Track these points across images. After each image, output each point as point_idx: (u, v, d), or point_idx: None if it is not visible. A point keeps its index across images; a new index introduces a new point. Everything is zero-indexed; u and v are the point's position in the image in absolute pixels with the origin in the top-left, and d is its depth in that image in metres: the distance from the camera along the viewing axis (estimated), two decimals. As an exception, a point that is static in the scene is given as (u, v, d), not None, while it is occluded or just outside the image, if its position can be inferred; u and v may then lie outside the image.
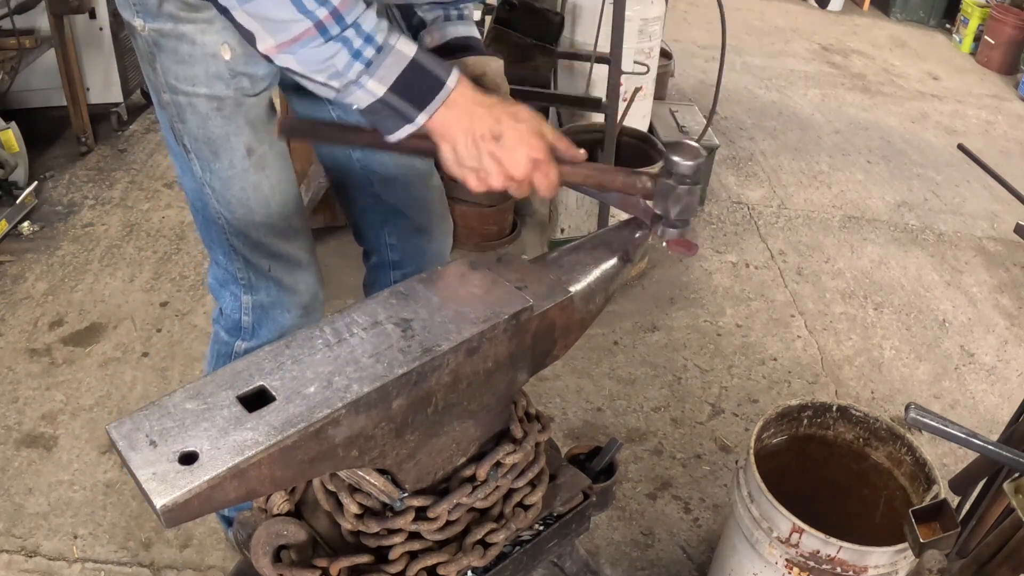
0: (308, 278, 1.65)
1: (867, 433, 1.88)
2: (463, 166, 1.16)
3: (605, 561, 2.19)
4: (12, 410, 2.50)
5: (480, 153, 1.13)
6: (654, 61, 3.69)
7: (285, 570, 1.08)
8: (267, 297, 1.62)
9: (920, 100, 5.46)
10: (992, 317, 3.36)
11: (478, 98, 1.14)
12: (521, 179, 1.15)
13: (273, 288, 1.61)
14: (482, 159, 1.14)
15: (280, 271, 1.59)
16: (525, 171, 1.14)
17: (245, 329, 1.66)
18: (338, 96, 1.14)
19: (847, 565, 1.61)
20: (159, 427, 0.87)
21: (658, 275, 3.37)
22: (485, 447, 1.16)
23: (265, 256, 1.57)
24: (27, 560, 2.09)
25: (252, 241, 1.54)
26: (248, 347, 1.68)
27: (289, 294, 1.63)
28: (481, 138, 1.13)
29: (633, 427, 2.62)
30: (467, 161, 1.15)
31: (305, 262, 1.63)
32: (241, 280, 1.60)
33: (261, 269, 1.58)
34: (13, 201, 3.30)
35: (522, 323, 1.07)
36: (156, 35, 1.34)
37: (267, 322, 1.65)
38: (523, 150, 1.13)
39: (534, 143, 1.14)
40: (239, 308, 1.64)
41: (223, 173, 1.46)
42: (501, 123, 1.13)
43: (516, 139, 1.12)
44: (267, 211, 1.52)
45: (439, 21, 1.44)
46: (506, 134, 1.12)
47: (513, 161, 1.13)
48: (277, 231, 1.55)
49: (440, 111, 1.12)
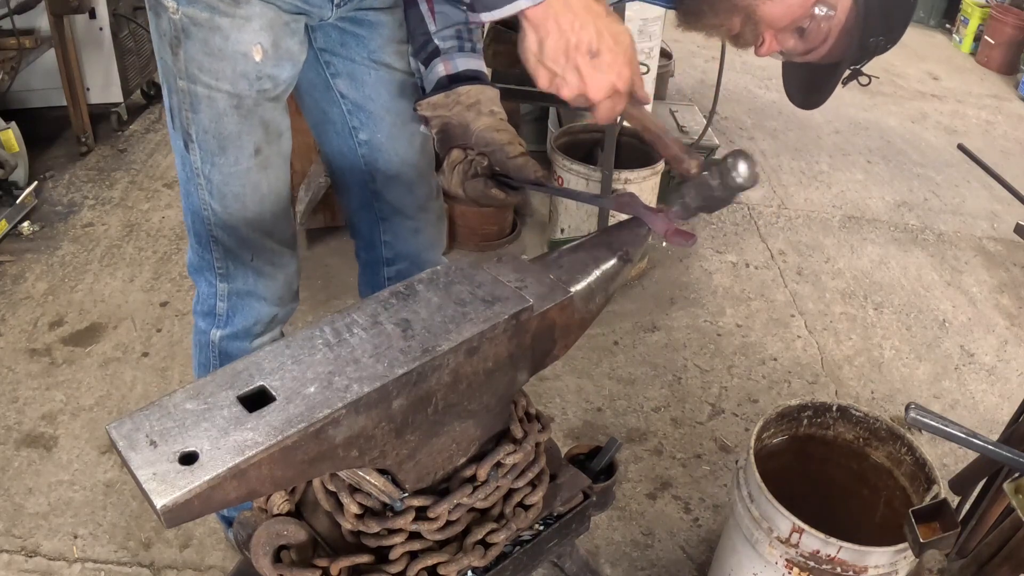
0: (288, 268, 1.66)
1: (867, 433, 1.89)
2: (543, 63, 1.08)
3: (605, 561, 2.19)
4: (12, 410, 2.50)
5: (567, 61, 1.06)
6: (654, 61, 3.69)
7: (285, 570, 1.08)
8: (244, 285, 1.62)
9: (920, 100, 5.46)
10: (992, 317, 3.36)
11: (588, 3, 1.05)
12: (596, 101, 1.09)
13: (251, 277, 1.62)
14: (567, 68, 1.07)
15: (262, 261, 1.61)
16: (603, 96, 1.09)
17: (220, 316, 1.67)
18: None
19: (847, 565, 1.61)
20: (159, 427, 0.87)
21: (658, 275, 3.37)
22: (485, 447, 1.16)
23: (249, 248, 1.58)
24: (27, 560, 2.09)
25: (239, 235, 1.55)
26: (223, 335, 1.69)
27: (267, 283, 1.64)
28: (576, 47, 1.05)
29: (633, 427, 2.62)
30: (550, 61, 1.07)
31: (288, 255, 1.65)
32: (219, 269, 1.61)
33: (243, 259, 1.59)
34: (13, 201, 3.30)
35: (522, 323, 1.07)
36: (188, 21, 1.32)
37: (242, 309, 1.65)
38: (611, 76, 1.07)
39: (624, 73, 1.08)
40: (214, 295, 1.65)
41: (227, 169, 1.46)
42: (602, 40, 1.05)
43: (610, 63, 1.06)
44: (260, 209, 1.52)
45: (452, 52, 1.44)
46: (603, 54, 1.05)
47: (597, 83, 1.07)
48: (265, 227, 1.56)
49: (561, 4, 1.03)
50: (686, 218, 1.17)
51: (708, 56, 5.60)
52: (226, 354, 1.70)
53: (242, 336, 1.68)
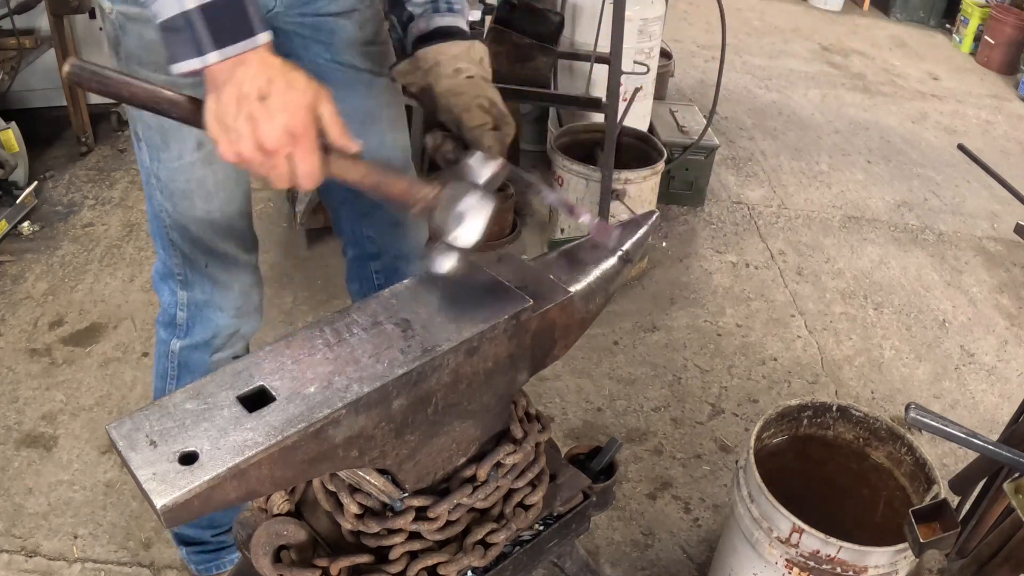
0: (244, 278, 1.65)
1: (867, 433, 1.88)
2: (220, 121, 1.00)
3: (605, 561, 2.19)
4: (12, 410, 2.50)
5: (239, 111, 0.98)
6: (654, 61, 3.69)
7: (285, 570, 1.08)
8: (201, 294, 1.62)
9: (920, 100, 5.46)
10: (992, 317, 3.36)
11: (263, 56, 1.00)
12: (271, 150, 0.98)
13: (208, 285, 1.61)
14: (239, 118, 0.98)
15: (216, 268, 1.59)
16: (277, 143, 0.98)
17: (179, 326, 1.67)
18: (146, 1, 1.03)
19: (847, 565, 1.61)
20: (159, 427, 0.87)
21: (658, 275, 3.37)
22: (485, 447, 1.16)
23: (203, 252, 1.57)
24: (27, 560, 2.09)
25: (191, 236, 1.54)
26: (183, 345, 1.68)
27: (223, 293, 1.63)
28: (246, 96, 0.98)
29: (633, 427, 2.62)
30: (224, 117, 1.00)
31: (243, 262, 1.63)
32: (178, 276, 1.61)
33: (198, 265, 1.58)
34: (13, 201, 3.30)
35: (522, 323, 1.07)
36: (123, 18, 1.34)
37: (201, 320, 1.65)
38: (282, 118, 0.97)
39: (299, 115, 0.98)
40: (175, 304, 1.64)
41: (170, 164, 1.46)
42: (272, 84, 0.98)
43: (280, 105, 0.97)
44: (208, 207, 1.51)
45: (427, 13, 1.39)
46: (272, 97, 0.97)
47: (268, 128, 0.97)
48: (217, 228, 1.55)
49: (232, 60, 0.99)
50: (458, 254, 1.03)
51: (708, 56, 5.60)
52: (185, 365, 1.70)
53: (202, 348, 1.68)
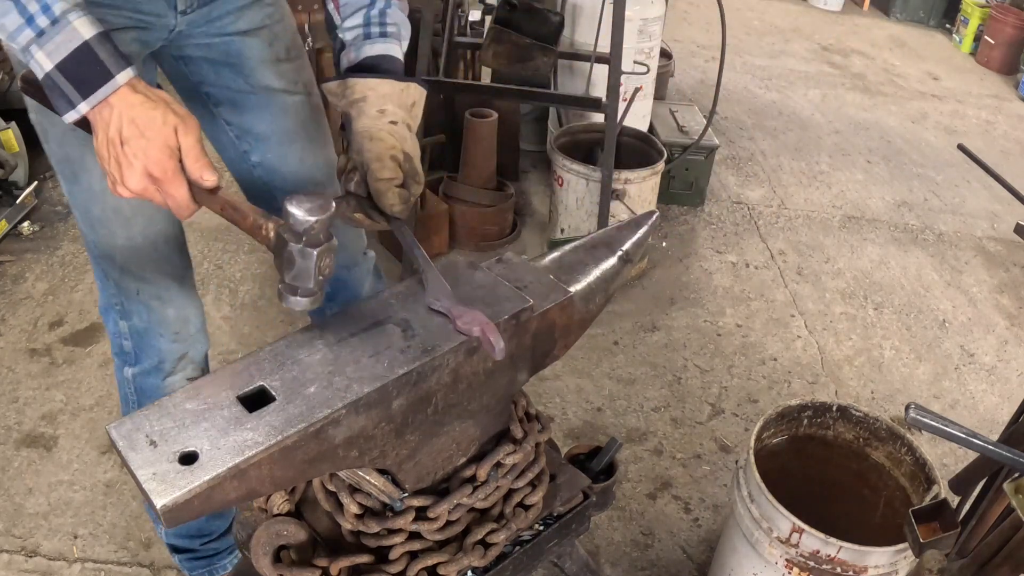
0: (179, 301, 1.61)
1: (867, 433, 1.88)
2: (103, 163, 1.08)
3: (605, 561, 2.19)
4: (12, 410, 2.50)
5: (109, 156, 1.06)
6: (654, 61, 3.69)
7: (285, 570, 1.08)
8: (140, 322, 1.60)
9: (920, 100, 5.46)
10: (992, 317, 3.36)
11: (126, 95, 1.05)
12: (136, 192, 1.06)
13: (144, 312, 1.58)
14: (111, 162, 1.06)
15: (147, 295, 1.57)
16: (138, 185, 1.05)
17: (128, 354, 1.65)
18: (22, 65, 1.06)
19: (847, 565, 1.61)
20: (159, 427, 0.87)
21: (658, 275, 3.37)
22: (485, 447, 1.16)
23: (133, 279, 1.55)
24: (27, 560, 2.09)
25: (118, 264, 1.52)
26: (135, 372, 1.66)
27: (159, 319, 1.60)
28: (112, 140, 1.05)
29: (633, 427, 2.62)
30: (101, 160, 1.08)
31: (175, 287, 1.60)
32: (116, 306, 1.59)
33: (130, 293, 1.56)
34: (13, 201, 3.30)
35: (522, 323, 1.07)
36: None
37: (145, 347, 1.63)
38: (139, 164, 1.04)
39: (155, 158, 1.04)
40: (119, 333, 1.63)
41: (83, 194, 1.45)
42: (130, 128, 1.04)
43: (136, 150, 1.04)
44: (129, 233, 1.49)
45: (358, 40, 1.36)
46: (130, 142, 1.04)
47: (129, 173, 1.05)
48: (142, 254, 1.52)
49: (99, 105, 1.04)
50: (307, 297, 1.01)
51: (708, 56, 5.60)
52: (142, 391, 1.68)
53: (152, 374, 1.66)
